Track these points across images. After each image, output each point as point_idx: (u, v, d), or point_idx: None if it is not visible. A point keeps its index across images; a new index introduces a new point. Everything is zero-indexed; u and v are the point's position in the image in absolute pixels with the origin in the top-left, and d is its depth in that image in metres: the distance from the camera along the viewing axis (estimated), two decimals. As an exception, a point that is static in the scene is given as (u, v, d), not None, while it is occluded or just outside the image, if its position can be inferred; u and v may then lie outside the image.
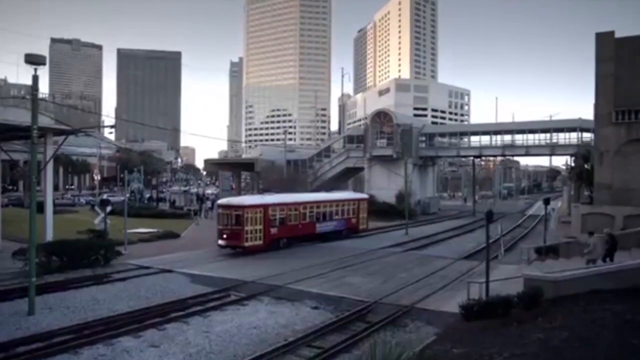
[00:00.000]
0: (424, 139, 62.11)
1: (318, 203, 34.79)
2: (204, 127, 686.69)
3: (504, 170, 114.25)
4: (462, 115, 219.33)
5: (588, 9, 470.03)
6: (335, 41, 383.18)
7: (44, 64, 16.86)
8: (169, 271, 24.34)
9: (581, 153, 46.53)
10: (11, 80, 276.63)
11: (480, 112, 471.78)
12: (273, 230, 30.16)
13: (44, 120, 23.95)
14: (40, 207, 23.17)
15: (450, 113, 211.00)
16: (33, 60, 16.53)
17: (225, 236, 28.81)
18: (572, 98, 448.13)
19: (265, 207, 29.75)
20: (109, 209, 26.21)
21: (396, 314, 17.39)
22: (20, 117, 22.53)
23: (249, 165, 68.86)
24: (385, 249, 32.47)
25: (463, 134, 61.32)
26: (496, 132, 58.55)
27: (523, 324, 13.96)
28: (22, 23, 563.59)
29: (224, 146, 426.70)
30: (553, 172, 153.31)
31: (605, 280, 15.41)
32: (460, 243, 37.33)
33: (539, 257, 27.92)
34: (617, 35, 36.00)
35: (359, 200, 39.73)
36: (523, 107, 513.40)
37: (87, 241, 24.23)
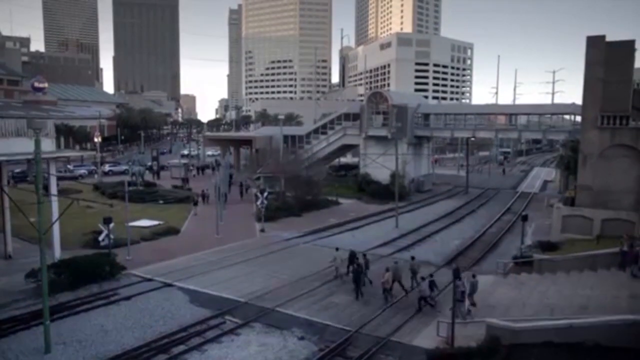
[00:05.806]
0: (419, 116, 62.81)
1: None
2: (204, 75, 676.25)
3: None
4: (464, 69, 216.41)
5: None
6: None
7: (43, 128, 18.06)
8: (170, 285, 26.50)
9: (570, 144, 47.53)
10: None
11: (482, 68, 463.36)
12: None
13: (46, 146, 25.18)
14: (45, 187, 25.24)
15: (453, 68, 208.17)
16: (34, 126, 17.75)
17: None
18: (577, 54, 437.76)
19: None
20: (111, 225, 27.66)
21: (373, 349, 19.47)
22: (25, 147, 23.75)
23: (247, 141, 70.05)
24: (374, 251, 34.42)
25: (458, 114, 61.94)
26: (491, 114, 59.28)
27: (479, 379, 16.08)
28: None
29: (224, 94, 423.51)
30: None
31: (557, 335, 17.31)
32: (446, 239, 39.31)
33: (515, 266, 29.90)
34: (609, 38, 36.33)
35: None
36: (526, 63, 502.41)
37: (93, 259, 26.08)
